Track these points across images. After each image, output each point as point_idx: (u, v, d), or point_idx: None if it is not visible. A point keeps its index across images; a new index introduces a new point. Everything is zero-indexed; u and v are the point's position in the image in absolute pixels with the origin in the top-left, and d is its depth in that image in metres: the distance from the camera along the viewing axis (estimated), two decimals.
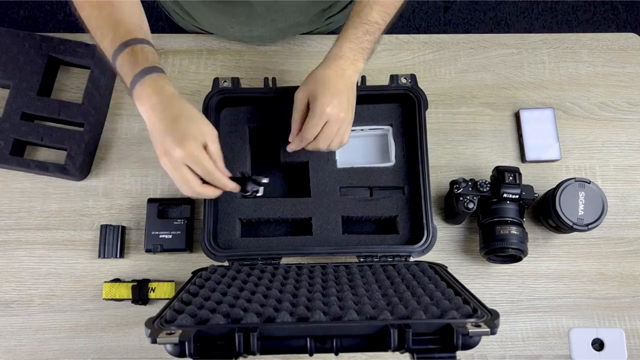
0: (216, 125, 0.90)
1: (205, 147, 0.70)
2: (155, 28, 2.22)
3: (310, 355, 0.55)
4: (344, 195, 0.88)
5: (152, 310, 0.88)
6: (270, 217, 0.87)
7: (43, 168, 0.92)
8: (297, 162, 0.90)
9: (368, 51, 0.82)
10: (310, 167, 0.89)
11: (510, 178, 0.85)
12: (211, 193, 0.73)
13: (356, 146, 0.93)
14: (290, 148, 0.83)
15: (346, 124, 0.81)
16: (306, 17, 0.99)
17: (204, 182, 0.72)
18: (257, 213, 0.87)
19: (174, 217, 0.90)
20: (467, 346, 0.53)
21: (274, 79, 0.92)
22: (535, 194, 0.87)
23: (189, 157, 0.68)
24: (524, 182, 0.86)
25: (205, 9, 0.95)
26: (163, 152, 0.69)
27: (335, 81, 0.79)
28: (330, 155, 0.90)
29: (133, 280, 0.88)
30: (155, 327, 0.56)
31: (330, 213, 0.87)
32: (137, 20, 0.76)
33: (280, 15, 0.94)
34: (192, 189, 0.71)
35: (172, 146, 0.68)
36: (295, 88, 0.92)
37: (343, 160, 0.91)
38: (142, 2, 0.79)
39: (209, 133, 0.71)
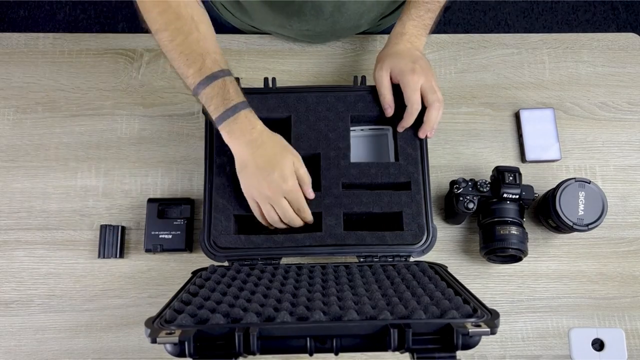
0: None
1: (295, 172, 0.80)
2: None
3: (310, 355, 0.55)
4: (346, 191, 0.88)
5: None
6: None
7: None
8: (308, 154, 0.89)
9: (429, 27, 0.90)
10: (321, 163, 0.89)
11: (510, 178, 0.85)
12: (298, 222, 0.83)
13: (356, 146, 0.93)
14: (403, 126, 0.88)
15: (435, 81, 0.86)
16: (366, 19, 1.01)
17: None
18: None
19: (174, 217, 0.90)
20: (467, 346, 0.53)
21: (273, 79, 0.92)
22: (535, 194, 0.87)
23: (290, 193, 0.79)
24: (524, 182, 0.86)
25: (266, 8, 0.96)
26: (264, 186, 0.78)
27: (410, 51, 0.87)
28: (339, 151, 0.89)
29: None
30: (155, 326, 0.56)
31: (332, 209, 0.86)
32: (218, 48, 0.80)
33: (343, 16, 0.96)
34: (291, 218, 0.81)
35: (277, 182, 0.78)
36: (295, 88, 0.92)
37: None
38: None
39: (297, 160, 0.81)
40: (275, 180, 0.78)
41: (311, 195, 0.83)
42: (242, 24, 1.07)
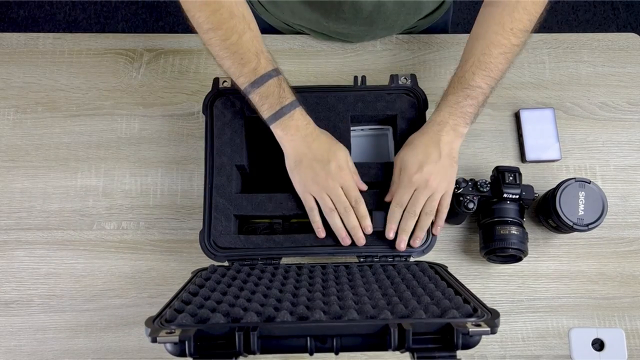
0: (212, 117, 0.90)
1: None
2: (154, 28, 2.22)
3: (311, 354, 0.55)
4: None
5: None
6: (272, 214, 0.87)
7: None
8: None
9: (471, 115, 0.82)
10: None
11: (511, 178, 0.85)
12: (354, 222, 0.82)
13: (356, 146, 0.93)
14: (389, 229, 0.82)
15: (439, 193, 0.81)
16: (404, 20, 0.99)
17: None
18: (257, 210, 0.87)
19: None
20: (467, 345, 0.53)
21: None
22: (536, 194, 0.87)
23: (346, 182, 0.81)
24: (524, 182, 0.86)
25: (304, 6, 0.95)
26: (321, 176, 0.80)
27: (428, 148, 0.80)
28: None
29: None
30: (155, 326, 0.56)
31: None
32: (266, 48, 0.81)
33: (381, 17, 0.95)
34: (347, 214, 0.81)
35: (335, 171, 0.80)
36: (295, 88, 0.92)
37: None
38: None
39: (348, 154, 0.83)
40: (333, 170, 0.80)
41: (363, 186, 0.84)
42: (277, 22, 1.07)
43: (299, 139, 0.80)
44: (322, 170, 0.80)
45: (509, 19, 0.79)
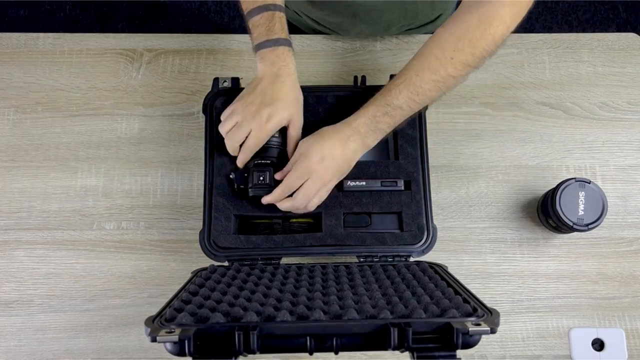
0: (212, 117, 0.90)
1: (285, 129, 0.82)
2: (154, 28, 2.22)
3: (310, 354, 0.55)
4: (346, 191, 0.88)
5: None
6: (272, 214, 0.87)
7: None
8: None
9: (383, 132, 0.81)
10: None
11: None
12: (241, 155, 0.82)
13: None
14: (265, 200, 0.82)
15: (326, 190, 0.82)
16: (387, 20, 1.02)
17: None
18: (257, 210, 0.87)
19: None
20: (467, 345, 0.52)
21: None
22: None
23: (257, 130, 0.79)
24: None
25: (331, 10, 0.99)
26: (250, 108, 0.79)
27: (335, 147, 0.79)
28: None
29: None
30: (155, 325, 0.56)
31: (332, 209, 0.86)
32: None
33: (363, 11, 0.97)
34: (234, 145, 0.81)
35: (260, 115, 0.78)
36: None
37: None
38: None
39: (295, 122, 0.82)
40: (259, 113, 0.78)
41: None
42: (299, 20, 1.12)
43: (268, 71, 0.80)
44: (254, 104, 0.79)
45: (452, 48, 0.75)
